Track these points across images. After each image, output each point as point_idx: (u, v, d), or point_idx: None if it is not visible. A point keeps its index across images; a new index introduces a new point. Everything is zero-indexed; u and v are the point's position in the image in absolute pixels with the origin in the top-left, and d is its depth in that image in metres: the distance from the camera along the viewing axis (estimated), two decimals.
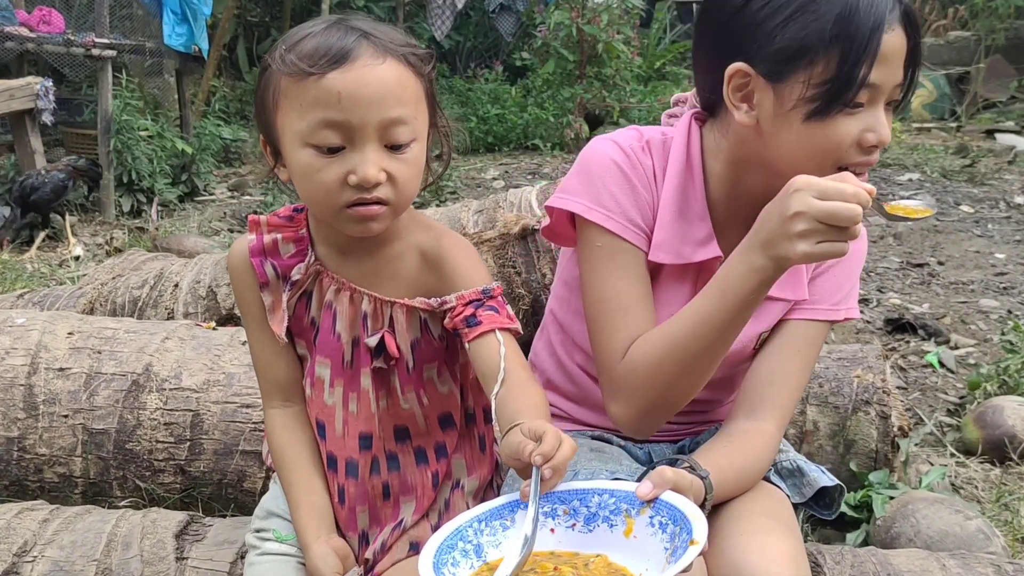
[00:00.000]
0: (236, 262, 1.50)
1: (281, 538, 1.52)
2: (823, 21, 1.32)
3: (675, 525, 1.10)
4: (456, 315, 1.40)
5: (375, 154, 1.29)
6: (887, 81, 1.35)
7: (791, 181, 1.25)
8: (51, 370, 2.20)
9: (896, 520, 2.20)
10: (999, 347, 3.65)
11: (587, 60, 8.10)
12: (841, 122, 1.35)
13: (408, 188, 1.35)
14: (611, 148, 1.52)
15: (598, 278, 1.51)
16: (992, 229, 5.55)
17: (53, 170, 5.32)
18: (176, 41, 6.55)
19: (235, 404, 2.17)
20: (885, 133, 1.37)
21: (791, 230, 1.23)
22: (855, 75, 1.32)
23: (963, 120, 8.99)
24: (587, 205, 1.50)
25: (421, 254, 1.44)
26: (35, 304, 2.88)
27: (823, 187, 1.22)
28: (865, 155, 1.38)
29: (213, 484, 2.15)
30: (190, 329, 2.35)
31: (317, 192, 1.32)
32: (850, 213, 1.19)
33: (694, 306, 1.40)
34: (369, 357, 1.44)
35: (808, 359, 1.54)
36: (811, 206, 1.21)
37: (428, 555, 1.12)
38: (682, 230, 1.50)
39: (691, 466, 1.33)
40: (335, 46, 1.28)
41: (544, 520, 1.19)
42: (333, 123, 1.27)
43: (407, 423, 1.50)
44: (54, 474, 2.15)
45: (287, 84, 1.30)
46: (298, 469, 1.51)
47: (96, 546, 1.67)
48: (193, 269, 2.83)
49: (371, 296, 1.43)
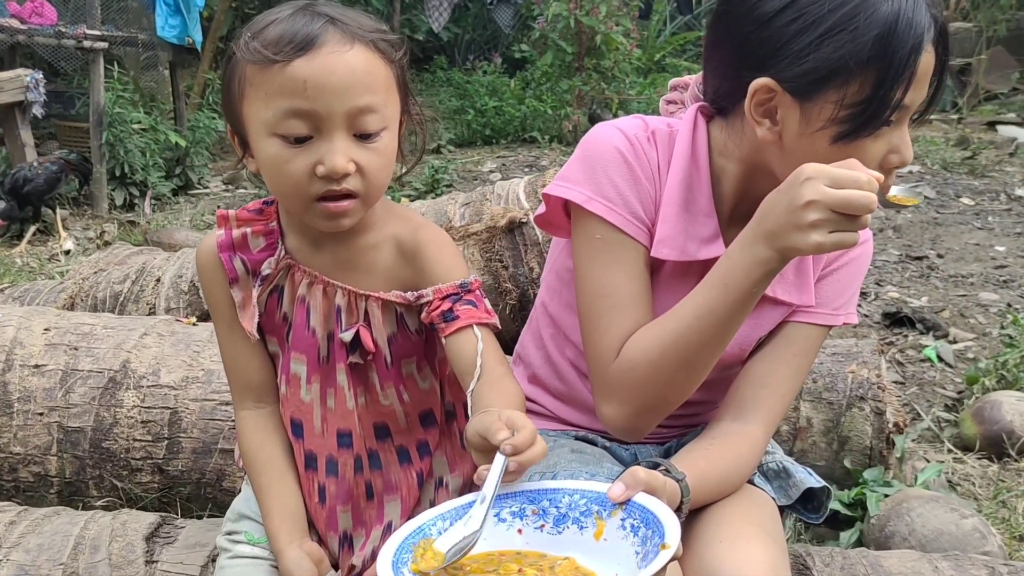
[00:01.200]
0: (204, 259, 1.45)
1: (253, 540, 1.48)
2: (861, 42, 1.25)
3: (647, 528, 1.06)
4: (433, 309, 1.36)
5: (343, 143, 1.25)
6: (916, 101, 1.31)
7: (800, 169, 1.20)
8: (26, 367, 2.15)
9: (890, 519, 2.16)
10: (998, 341, 3.61)
11: (585, 52, 8.03)
12: (868, 145, 1.30)
13: (379, 178, 1.30)
14: (616, 136, 1.45)
15: (594, 271, 1.44)
16: (992, 221, 5.50)
17: (45, 162, 5.27)
18: (169, 33, 6.50)
19: (214, 401, 2.12)
20: (908, 154, 1.33)
21: (802, 220, 1.18)
22: (890, 98, 1.26)
23: (964, 112, 8.92)
24: (588, 195, 1.42)
25: (397, 246, 1.40)
26: (15, 299, 2.83)
27: (836, 175, 1.17)
28: (887, 176, 1.33)
29: (192, 483, 2.11)
30: (169, 325, 2.31)
31: (286, 184, 1.28)
32: (865, 201, 1.15)
33: (694, 300, 1.34)
34: (345, 352, 1.40)
35: (803, 363, 1.49)
36: (825, 194, 1.16)
37: (387, 553, 1.07)
38: (687, 226, 1.44)
39: (666, 468, 1.28)
40: (300, 32, 1.24)
41: (512, 520, 1.15)
42: (299, 112, 1.23)
43: (387, 420, 1.46)
44: (29, 473, 2.10)
45: (252, 72, 1.26)
46: (270, 472, 1.47)
47: (63, 549, 1.62)
48: (176, 263, 2.78)
49: (345, 289, 1.39)
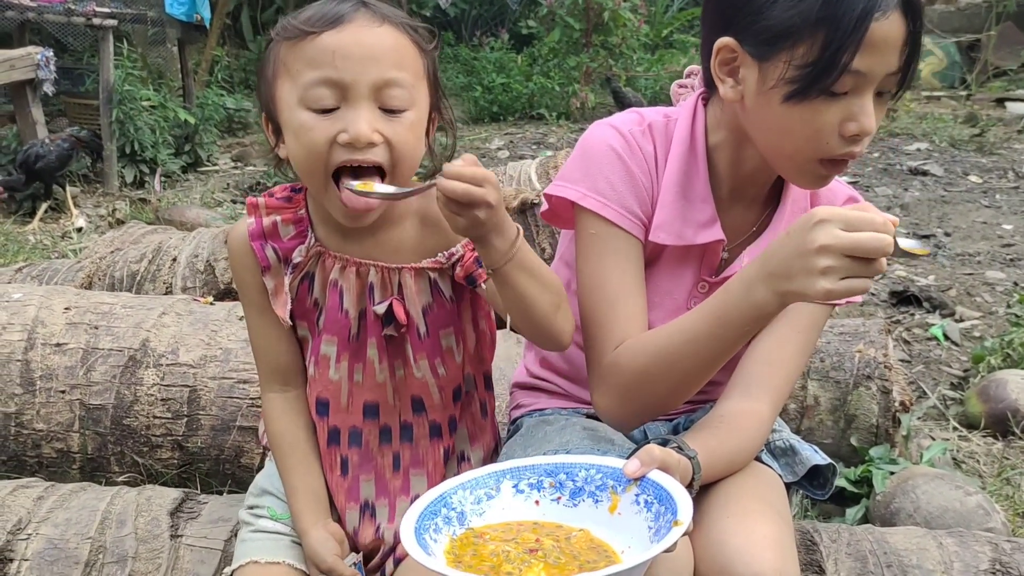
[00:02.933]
0: (236, 246, 1.48)
1: (276, 516, 1.52)
2: (811, 2, 1.27)
3: (660, 504, 1.10)
4: (466, 261, 1.40)
5: (368, 113, 1.27)
6: (876, 69, 1.29)
7: (813, 211, 1.18)
8: (48, 345, 2.19)
9: (896, 496, 2.20)
10: (1004, 320, 3.63)
11: (593, 28, 8.04)
12: (821, 108, 1.31)
13: (407, 152, 1.32)
14: (610, 134, 1.49)
15: (590, 266, 1.49)
16: (1000, 199, 5.50)
17: (56, 139, 5.30)
18: (178, 10, 6.51)
19: (232, 380, 2.16)
20: (868, 124, 1.31)
21: (813, 265, 1.15)
22: (837, 61, 1.27)
23: (973, 88, 8.89)
24: (583, 192, 1.47)
25: (421, 219, 1.43)
26: (33, 278, 2.87)
27: (850, 217, 1.14)
28: (848, 145, 1.33)
29: (210, 460, 2.16)
30: (187, 304, 2.35)
31: (308, 154, 1.30)
32: (881, 244, 1.12)
33: (686, 324, 1.37)
34: (376, 326, 1.43)
35: (808, 340, 1.52)
36: (839, 238, 1.13)
37: (410, 521, 1.11)
38: (684, 211, 1.48)
39: (679, 446, 1.32)
40: (332, 11, 1.29)
41: (530, 492, 1.21)
42: (327, 81, 1.27)
43: (422, 394, 1.48)
44: (52, 449, 2.15)
45: (286, 50, 1.31)
46: (296, 454, 1.50)
47: (91, 524, 1.67)
48: (191, 243, 2.82)
49: (378, 266, 1.42)
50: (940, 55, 9.21)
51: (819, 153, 1.34)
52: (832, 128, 1.32)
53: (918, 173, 6.07)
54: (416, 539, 1.08)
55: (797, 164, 1.39)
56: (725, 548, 1.28)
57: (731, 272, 1.50)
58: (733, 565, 1.25)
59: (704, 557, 1.30)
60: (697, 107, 1.52)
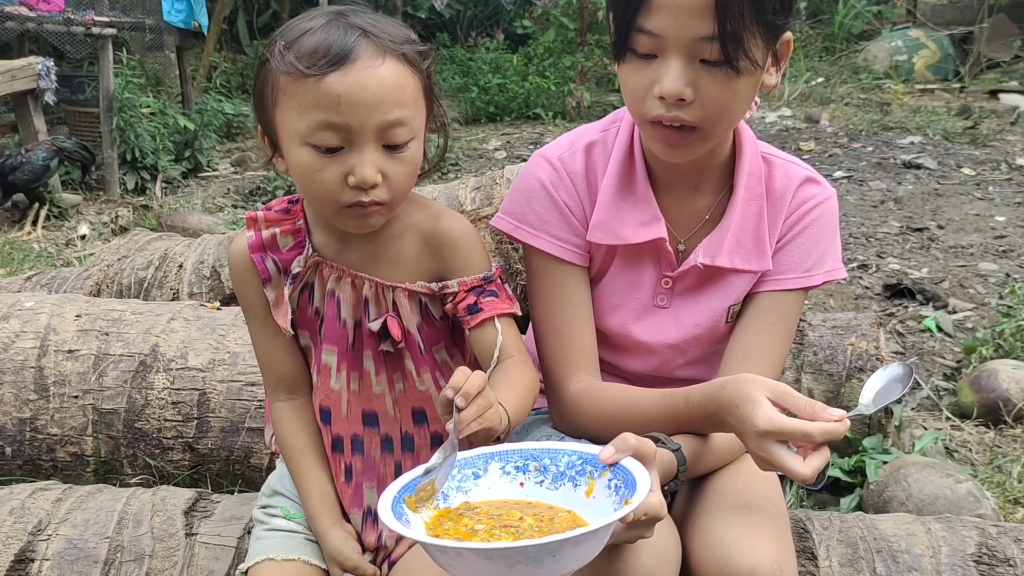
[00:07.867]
0: (237, 260, 1.51)
1: (290, 516, 1.56)
2: None
3: (627, 488, 1.16)
4: (459, 302, 1.45)
5: (373, 155, 1.32)
6: (671, 32, 1.31)
7: (754, 417, 1.27)
8: (60, 352, 2.25)
9: (888, 484, 2.25)
10: (996, 311, 3.69)
11: (588, 28, 8.08)
12: (630, 69, 1.39)
13: (403, 186, 1.38)
14: (540, 168, 1.56)
15: (536, 299, 1.58)
16: (993, 192, 5.56)
17: (34, 148, 5.21)
18: (175, 17, 6.55)
19: (240, 383, 2.22)
20: (669, 85, 1.33)
21: (754, 447, 1.29)
22: (628, 22, 1.34)
23: (966, 81, 8.94)
24: (515, 224, 1.56)
25: (420, 236, 1.47)
26: (43, 286, 2.93)
27: (787, 432, 1.25)
28: (662, 108, 1.36)
29: (221, 460, 2.21)
30: (195, 310, 2.40)
31: (318, 191, 1.35)
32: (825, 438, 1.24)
33: (656, 400, 1.46)
34: (372, 339, 1.47)
35: (784, 330, 1.54)
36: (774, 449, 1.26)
37: (390, 494, 1.16)
38: (621, 212, 1.53)
39: (659, 439, 1.36)
40: (335, 46, 1.29)
41: (515, 474, 1.26)
42: (332, 125, 1.29)
43: (424, 406, 1.52)
44: (66, 453, 2.20)
45: (286, 83, 1.31)
46: (307, 460, 1.55)
47: (108, 524, 1.72)
48: (197, 249, 2.87)
49: (372, 281, 1.46)
50: (933, 48, 9.26)
51: (643, 114, 1.40)
52: (644, 89, 1.38)
53: (912, 167, 6.12)
54: (392, 509, 1.12)
55: (641, 128, 1.47)
56: (723, 540, 1.32)
57: (690, 265, 1.54)
58: (731, 557, 1.29)
59: (702, 549, 1.33)
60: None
